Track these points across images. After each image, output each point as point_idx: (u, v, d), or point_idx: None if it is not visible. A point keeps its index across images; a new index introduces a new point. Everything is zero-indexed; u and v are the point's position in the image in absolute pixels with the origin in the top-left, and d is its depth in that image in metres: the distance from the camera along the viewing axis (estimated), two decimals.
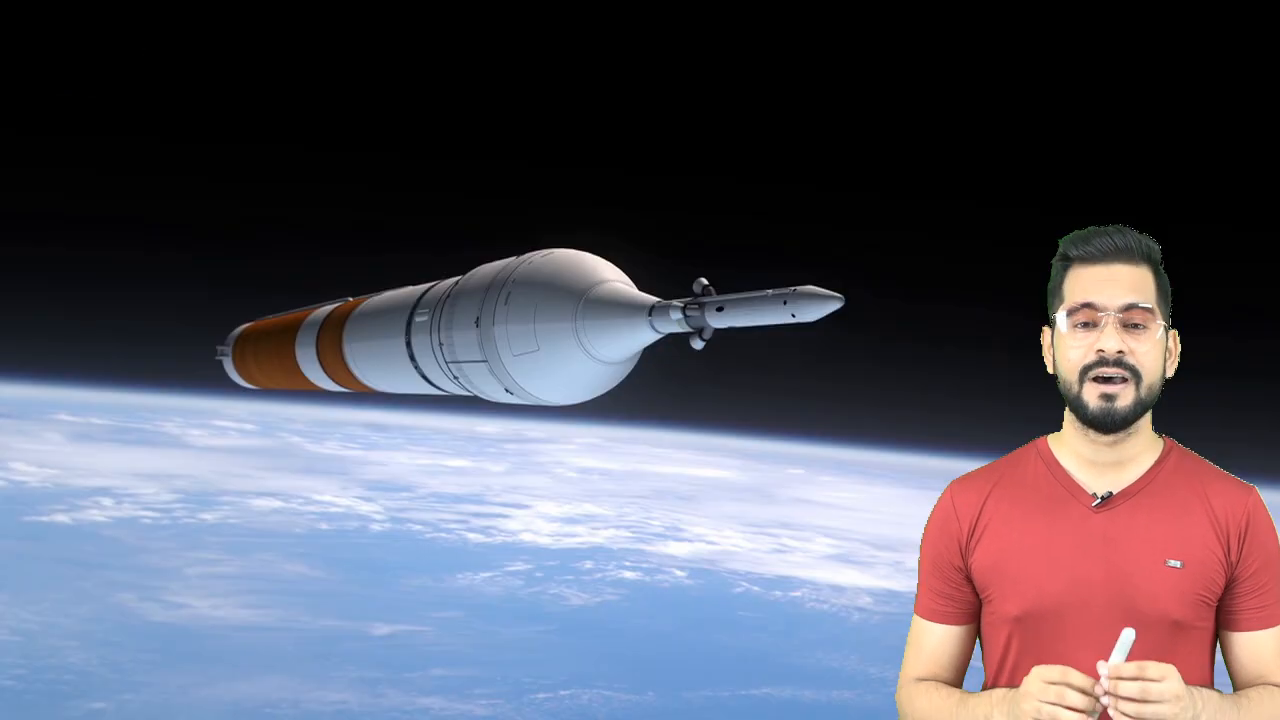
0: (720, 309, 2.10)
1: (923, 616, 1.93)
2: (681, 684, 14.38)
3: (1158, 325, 1.76)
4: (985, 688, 1.84)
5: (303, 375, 3.77)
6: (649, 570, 22.43)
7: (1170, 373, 1.82)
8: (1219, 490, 1.82)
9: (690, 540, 26.60)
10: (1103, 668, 1.59)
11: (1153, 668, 1.57)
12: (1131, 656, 1.62)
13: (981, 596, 1.85)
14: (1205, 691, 1.67)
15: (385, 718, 12.50)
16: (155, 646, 14.59)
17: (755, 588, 21.53)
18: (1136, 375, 1.74)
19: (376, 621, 16.64)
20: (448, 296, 2.84)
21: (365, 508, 27.80)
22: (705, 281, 2.18)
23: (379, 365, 3.32)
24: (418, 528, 25.59)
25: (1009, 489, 1.85)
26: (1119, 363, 1.73)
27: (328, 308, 3.72)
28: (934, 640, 1.91)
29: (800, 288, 1.95)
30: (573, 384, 2.47)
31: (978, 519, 1.85)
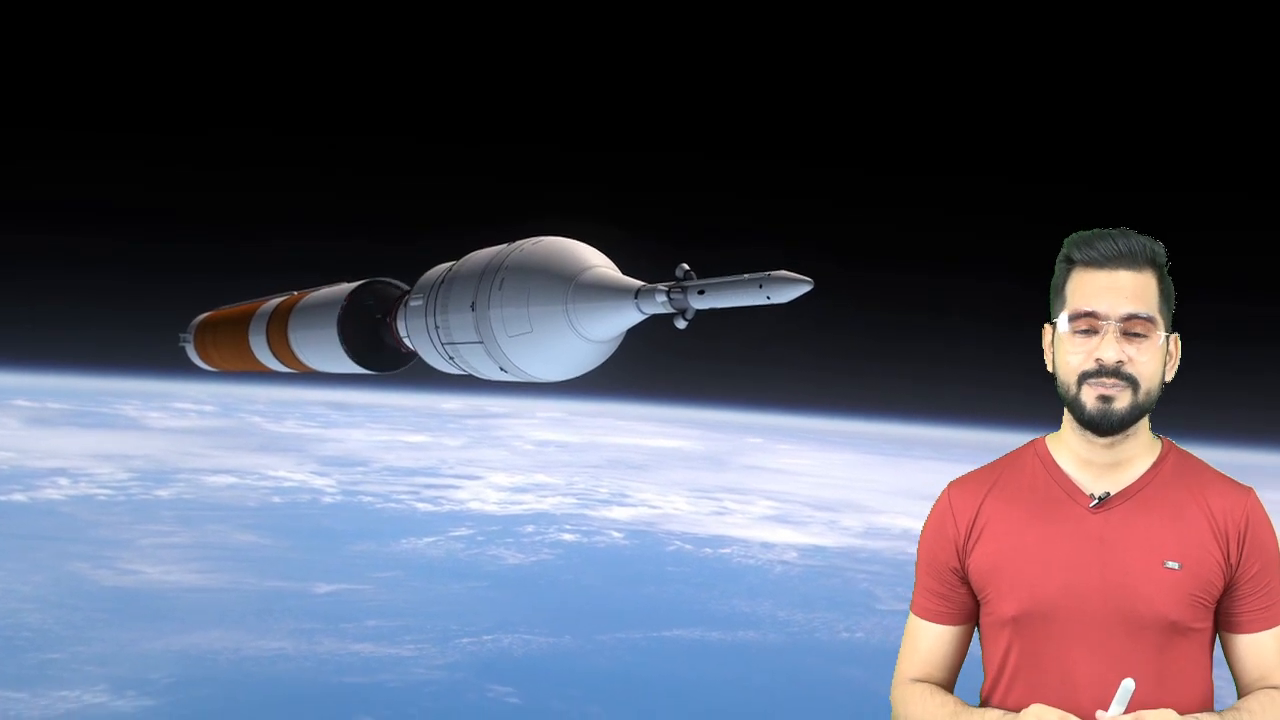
0: (701, 292, 2.25)
1: (918, 616, 1.97)
2: (597, 629, 15.93)
3: (1158, 333, 1.80)
4: (985, 690, 1.91)
5: (256, 360, 4.42)
6: (587, 533, 23.98)
7: (1169, 377, 1.86)
8: (1217, 492, 1.86)
9: (633, 505, 28.14)
10: (1102, 717, 1.67)
11: (1150, 716, 1.65)
12: (1132, 658, 1.73)
13: (979, 597, 1.90)
14: (1203, 718, 1.73)
15: (318, 660, 13.96)
16: (108, 607, 15.98)
17: (688, 546, 23.12)
18: (1134, 384, 1.79)
19: (319, 581, 18.09)
20: (442, 282, 3.06)
21: (319, 482, 29.18)
22: (686, 266, 2.32)
23: (316, 350, 3.92)
24: (368, 499, 27.01)
25: (1007, 490, 1.91)
26: (1117, 372, 1.78)
27: (276, 300, 4.32)
28: (929, 640, 1.96)
29: (774, 272, 2.08)
30: (564, 362, 2.68)
31: (975, 520, 1.90)
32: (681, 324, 2.32)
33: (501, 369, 2.83)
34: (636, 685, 13.63)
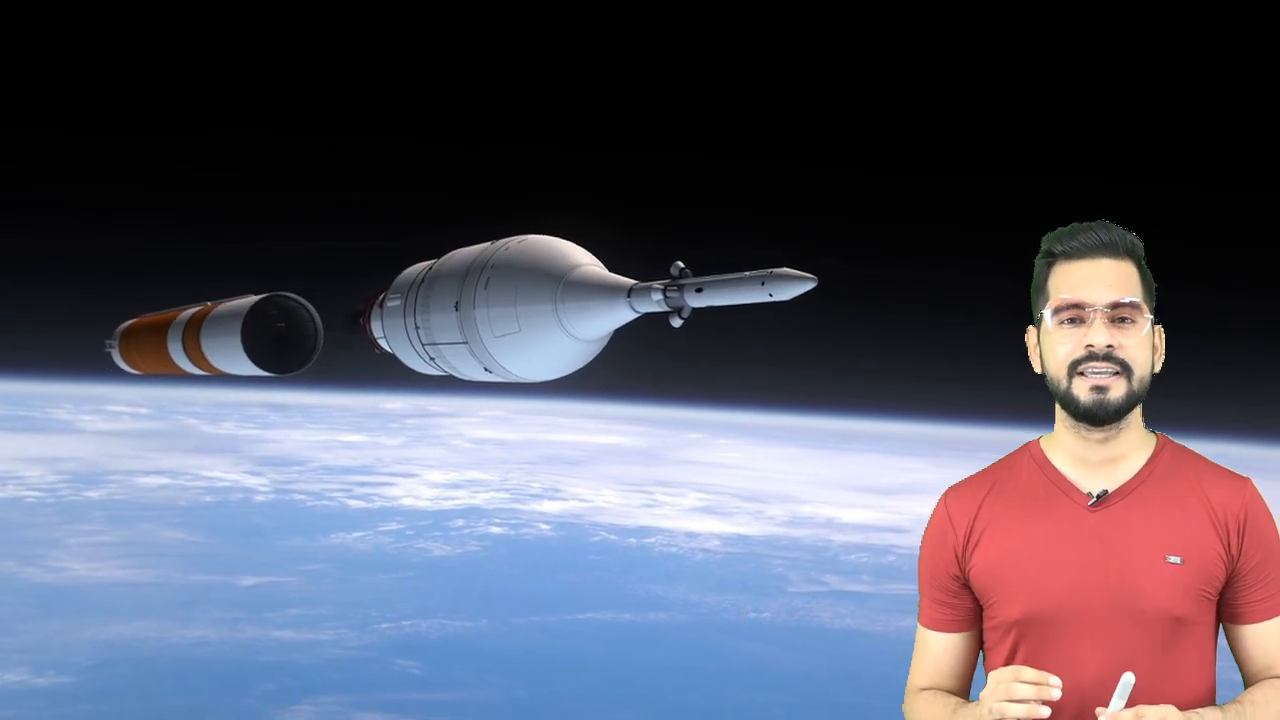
0: (699, 290, 2.23)
1: (925, 627, 2.00)
2: (513, 613, 16.89)
3: (1145, 320, 1.83)
4: None
5: (174, 364, 4.78)
6: (516, 526, 24.91)
7: (1157, 368, 1.89)
8: (1215, 484, 1.89)
9: (564, 500, 29.09)
10: (1102, 714, 1.69)
11: (1151, 712, 1.67)
12: (1137, 654, 1.76)
13: (982, 603, 1.93)
14: (1206, 713, 1.76)
15: (238, 645, 14.77)
16: (34, 602, 16.64)
17: (612, 537, 24.14)
18: (1127, 369, 1.82)
19: (245, 575, 18.84)
20: (421, 282, 3.04)
21: (252, 481, 29.78)
22: (681, 264, 2.30)
23: (224, 355, 4.26)
24: (301, 497, 27.69)
25: (1003, 494, 1.93)
26: (1109, 357, 1.80)
27: (192, 310, 4.68)
28: (937, 649, 1.97)
29: (776, 269, 2.07)
30: (552, 362, 2.66)
31: (973, 526, 1.92)
32: (677, 322, 2.32)
33: (486, 370, 2.82)
34: (540, 659, 14.65)
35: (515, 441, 44.63)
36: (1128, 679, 1.67)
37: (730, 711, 12.94)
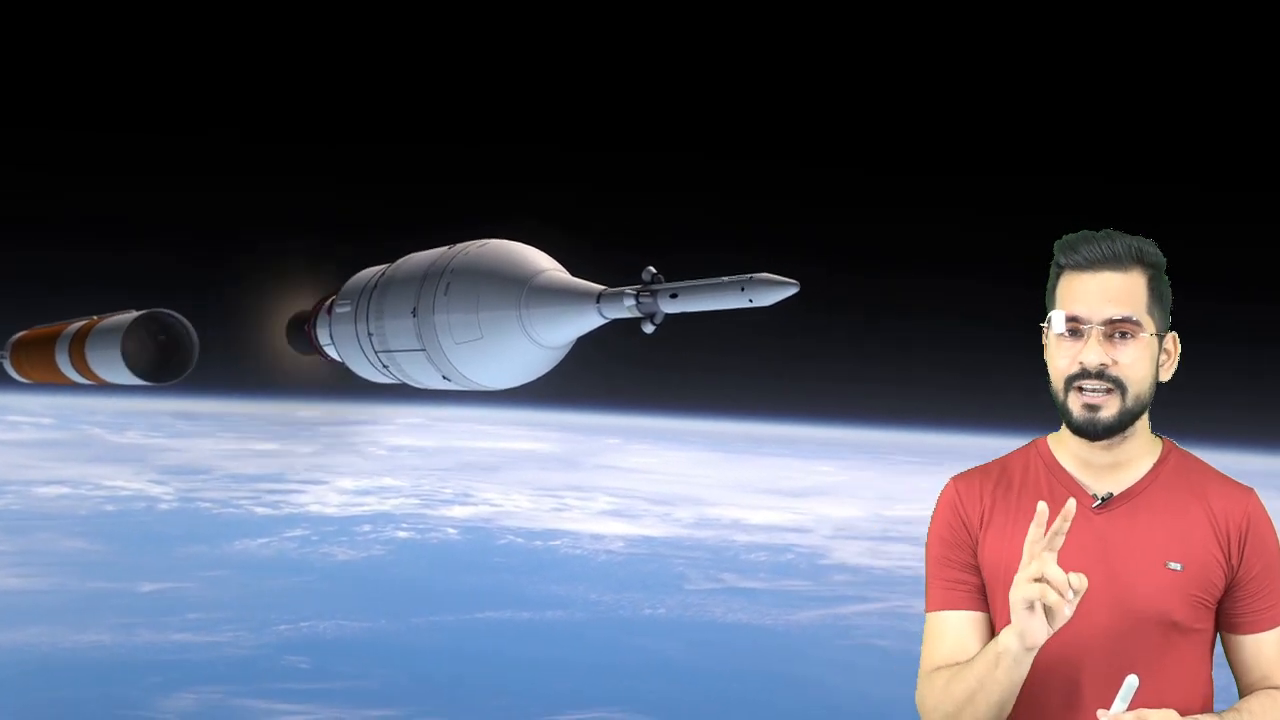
0: (674, 295, 2.21)
1: (937, 609, 1.97)
2: (412, 613, 17.40)
3: (1144, 334, 1.85)
4: None
5: (61, 373, 4.93)
6: (423, 530, 25.35)
7: (1166, 377, 1.92)
8: (1218, 492, 1.91)
9: (474, 504, 29.58)
10: (1104, 716, 1.72)
11: (1153, 715, 1.70)
12: (1134, 658, 1.80)
13: (986, 593, 1.96)
14: (1205, 719, 1.80)
15: (133, 648, 15.06)
16: None
17: (519, 539, 24.72)
18: (1121, 386, 1.84)
19: (144, 581, 19.04)
20: (374, 287, 2.99)
21: (156, 490, 29.73)
22: (653, 269, 2.28)
23: (107, 366, 4.38)
24: (205, 505, 27.76)
25: (1010, 488, 1.97)
26: (1101, 374, 1.83)
27: (79, 323, 4.81)
28: (955, 629, 1.94)
29: (757, 275, 2.05)
30: (514, 369, 2.63)
31: (982, 512, 1.96)
32: (649, 328, 2.30)
33: (444, 378, 2.78)
34: (427, 653, 15.21)
35: (431, 448, 44.88)
36: (1131, 681, 1.69)
37: (607, 698, 13.65)
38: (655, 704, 13.59)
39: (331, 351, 3.42)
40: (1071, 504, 1.71)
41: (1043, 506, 1.72)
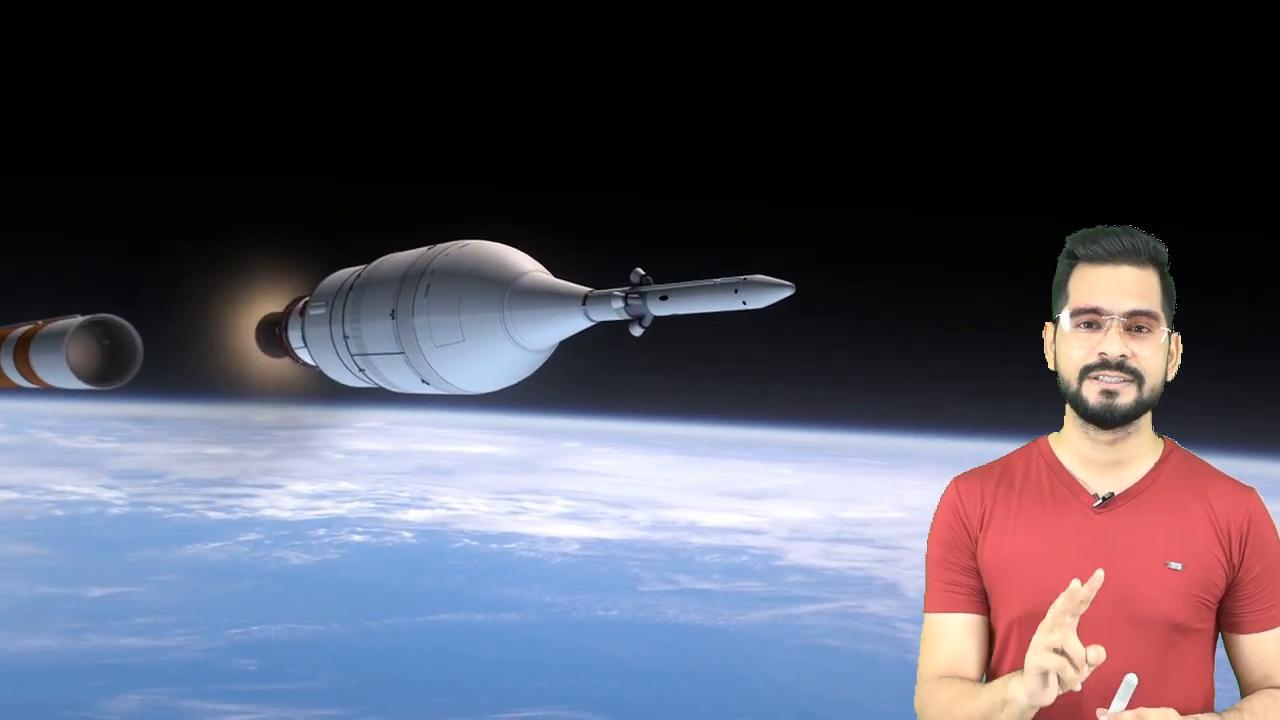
0: (664, 297, 2.19)
1: (936, 611, 1.99)
2: (366, 616, 17.45)
3: (1161, 329, 1.87)
4: None
5: (7, 378, 4.88)
6: (378, 534, 25.34)
7: (1171, 376, 1.93)
8: (1219, 492, 1.93)
9: (431, 508, 29.57)
10: (1103, 715, 1.73)
11: (1152, 714, 1.71)
12: (1134, 658, 1.80)
13: (987, 593, 1.97)
14: (1204, 719, 1.82)
15: (81, 654, 14.99)
16: None
17: (474, 543, 24.78)
18: (1139, 378, 1.86)
19: (93, 586, 18.91)
20: (350, 289, 2.94)
21: (107, 495, 29.42)
22: (641, 271, 2.25)
23: (51, 371, 4.35)
24: (158, 510, 27.54)
25: (1011, 487, 1.97)
26: (1121, 366, 1.85)
27: (24, 327, 4.75)
28: (954, 632, 1.96)
29: (750, 276, 2.03)
30: (496, 372, 2.59)
31: (983, 513, 1.97)
32: (637, 331, 2.28)
33: (424, 382, 2.73)
34: (379, 655, 15.29)
35: (389, 452, 44.71)
36: (1130, 680, 1.70)
37: (558, 697, 13.81)
38: (607, 703, 13.76)
39: (304, 355, 3.36)
40: (1099, 576, 1.68)
41: (1075, 582, 1.68)
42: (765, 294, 2.06)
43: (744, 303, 2.08)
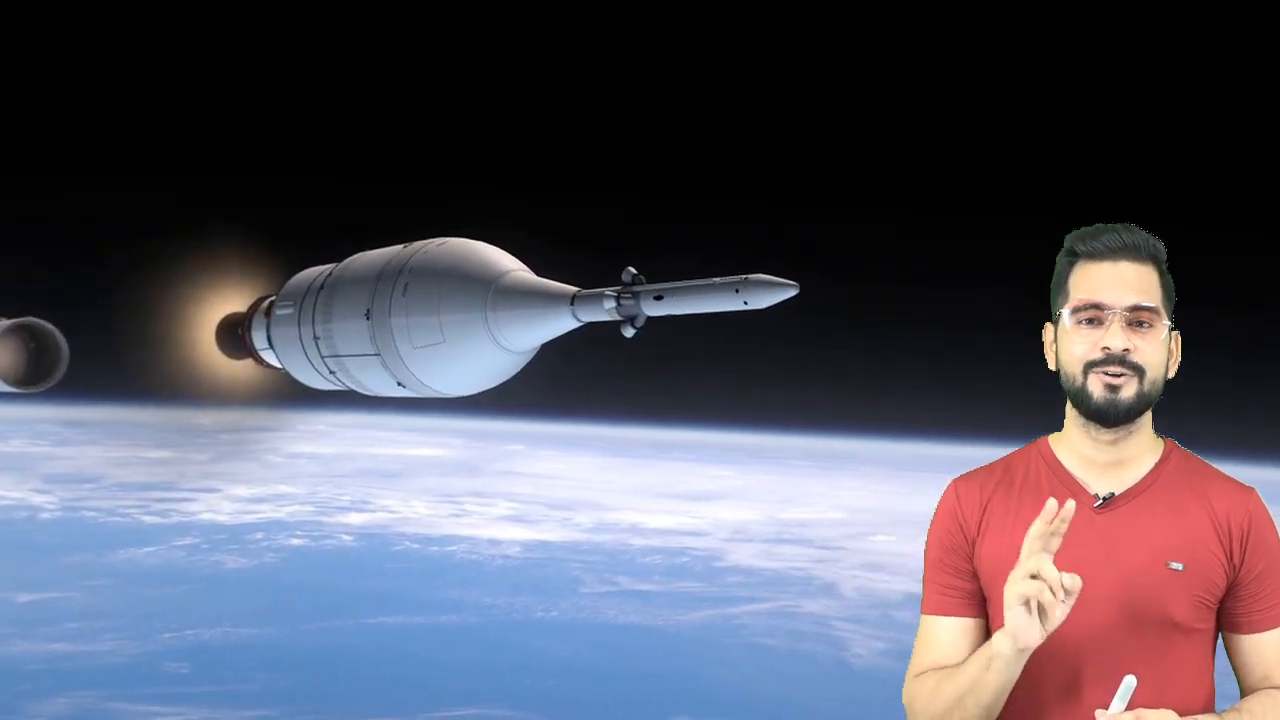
0: (659, 297, 2.14)
1: (930, 613, 2.00)
2: (304, 620, 17.36)
3: (1162, 325, 1.88)
4: None
5: None
6: (317, 537, 25.17)
7: (1171, 374, 1.94)
8: (1220, 492, 1.93)
9: (372, 511, 29.42)
10: (1101, 715, 1.73)
11: (1151, 715, 1.72)
12: (1135, 658, 1.81)
13: (985, 595, 1.97)
14: (1205, 719, 1.82)
15: (9, 659, 14.76)
16: None
17: (415, 546, 24.73)
18: (1140, 372, 1.87)
19: (21, 592, 18.58)
20: (321, 288, 2.85)
21: (38, 499, 28.86)
22: (634, 270, 2.20)
23: None
24: (92, 514, 27.08)
25: (1011, 488, 1.98)
26: (1124, 360, 1.86)
27: None
28: (947, 635, 1.97)
29: (752, 275, 1.99)
30: (477, 375, 2.53)
31: (982, 515, 1.97)
32: (629, 332, 2.22)
33: (399, 384, 2.66)
34: (313, 658, 15.25)
35: (331, 455, 44.33)
36: (1129, 682, 1.70)
37: (494, 696, 13.90)
38: (544, 702, 13.87)
39: (270, 357, 3.25)
40: (1070, 505, 1.72)
41: (1051, 501, 1.72)
42: (768, 294, 2.01)
43: (745, 303, 2.03)
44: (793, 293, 2.05)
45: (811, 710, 14.63)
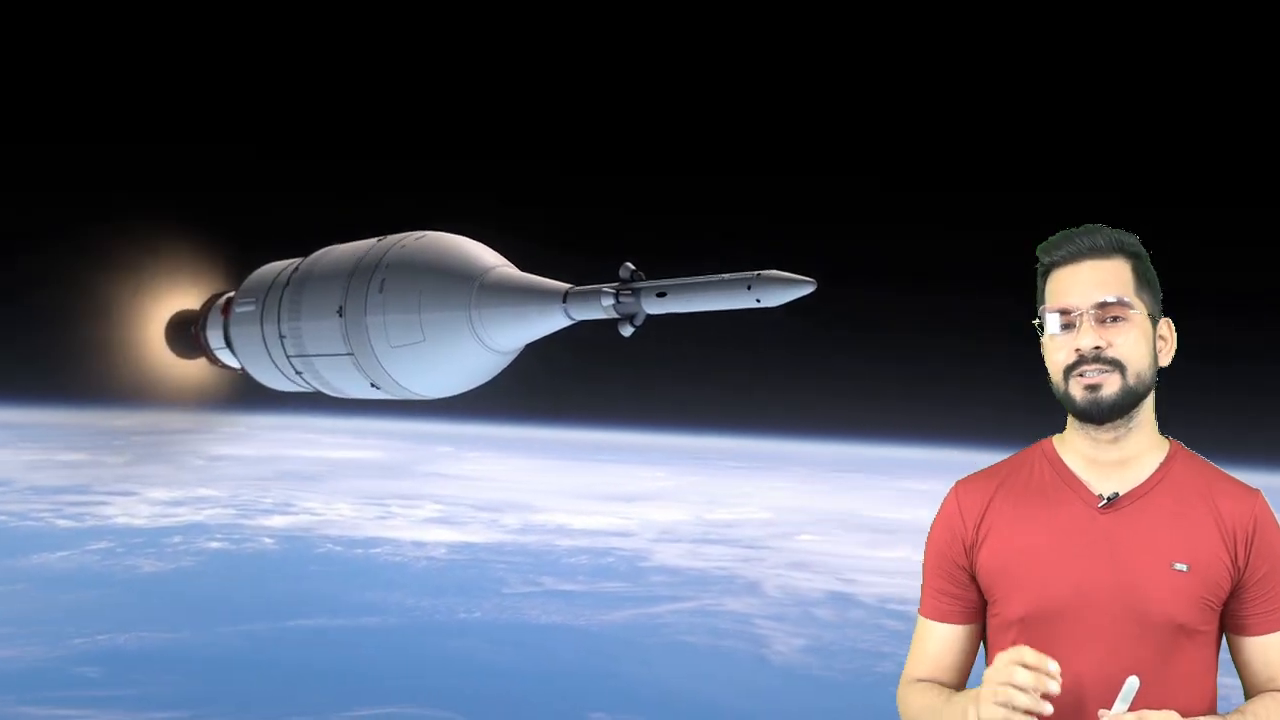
0: (662, 294, 2.05)
1: (926, 616, 2.05)
2: (219, 623, 17.19)
3: (1137, 315, 1.89)
4: None
5: None
6: (237, 540, 24.86)
7: (1165, 362, 1.95)
8: (1225, 493, 1.93)
9: (295, 514, 29.12)
10: (1104, 716, 1.75)
11: (1153, 716, 1.71)
12: (1138, 659, 1.82)
13: (986, 598, 1.99)
14: None
15: None
16: None
17: (338, 548, 24.56)
18: (1119, 366, 1.88)
19: None
20: (286, 283, 2.72)
21: None
22: (632, 266, 2.13)
23: None
24: (3, 518, 26.43)
25: (1014, 490, 1.99)
26: (1098, 358, 1.87)
27: None
28: (937, 641, 2.03)
29: (765, 271, 1.92)
30: (457, 376, 2.42)
31: (982, 519, 1.98)
32: (627, 330, 2.12)
33: (373, 386, 2.54)
34: (227, 661, 15.14)
35: (254, 457, 43.72)
36: (1132, 683, 1.71)
37: (408, 695, 13.95)
38: (459, 699, 13.95)
39: (226, 357, 3.11)
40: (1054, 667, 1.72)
41: (1054, 667, 1.72)
42: (783, 291, 1.94)
43: (758, 300, 1.95)
44: (810, 289, 1.98)
45: (726, 706, 14.91)
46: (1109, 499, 1.91)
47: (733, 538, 28.37)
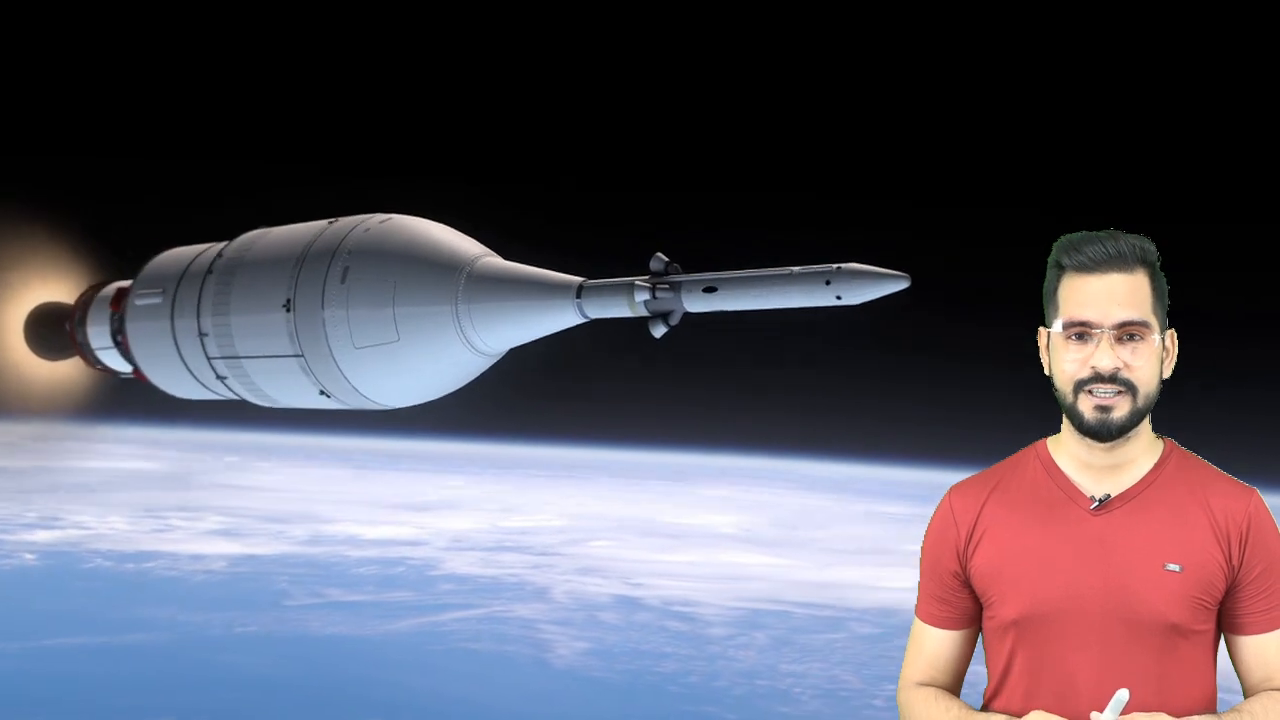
0: (710, 289, 1.83)
1: (922, 621, 2.07)
2: None
3: (1153, 336, 1.87)
4: (988, 693, 2.00)
5: None
6: None
7: (1167, 374, 1.93)
8: (1219, 493, 1.92)
9: (61, 528, 27.58)
10: (1096, 718, 1.74)
11: (1142, 719, 1.74)
12: (1133, 660, 1.82)
13: (982, 601, 1.99)
14: None
15: None
16: None
17: (108, 563, 23.46)
18: (1132, 389, 1.86)
19: None
20: (208, 271, 2.34)
21: None
22: (665, 258, 1.91)
23: None
24: None
25: (1008, 493, 1.99)
26: (1114, 379, 1.85)
27: None
28: (933, 644, 2.05)
29: (847, 265, 1.75)
30: (432, 381, 2.12)
31: (976, 524, 1.98)
32: (660, 330, 1.88)
33: (323, 393, 2.18)
34: None
35: (21, 469, 40.98)
36: (1121, 695, 1.72)
37: (167, 709, 13.65)
38: (219, 713, 13.73)
39: (109, 357, 2.67)
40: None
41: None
42: (869, 286, 1.73)
43: (838, 297, 1.75)
44: (903, 285, 1.80)
45: (504, 709, 15.22)
46: (1101, 501, 1.92)
47: (526, 545, 28.69)
